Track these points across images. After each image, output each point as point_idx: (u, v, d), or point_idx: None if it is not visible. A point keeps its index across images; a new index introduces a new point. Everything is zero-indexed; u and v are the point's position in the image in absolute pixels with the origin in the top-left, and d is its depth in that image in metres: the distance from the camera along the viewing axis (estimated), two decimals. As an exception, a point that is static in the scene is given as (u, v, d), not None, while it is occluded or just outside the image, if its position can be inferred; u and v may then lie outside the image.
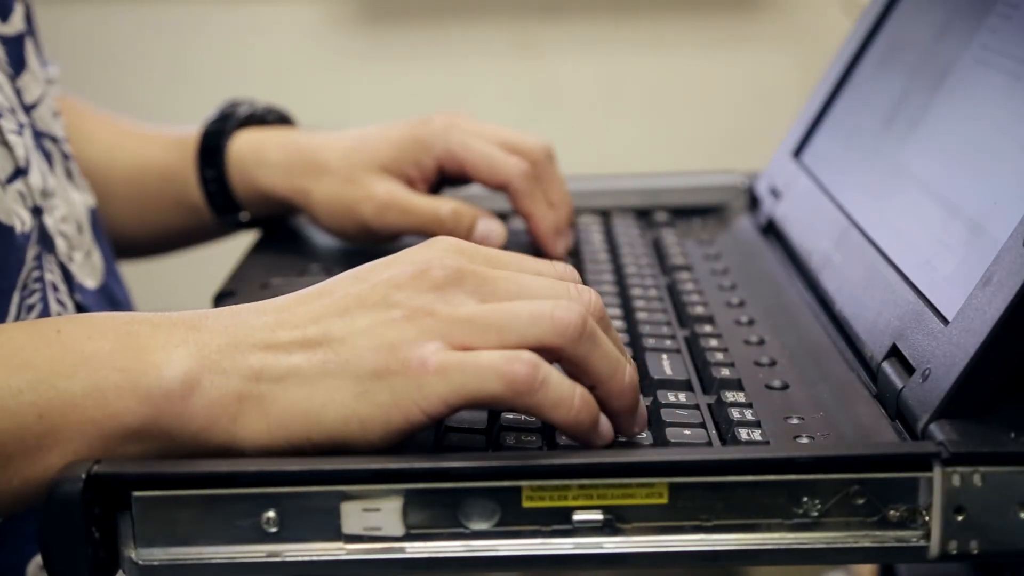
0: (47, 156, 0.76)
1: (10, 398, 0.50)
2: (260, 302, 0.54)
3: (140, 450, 0.51)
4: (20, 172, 0.71)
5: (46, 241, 0.73)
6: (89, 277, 0.78)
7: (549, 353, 0.51)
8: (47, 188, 0.74)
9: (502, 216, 0.85)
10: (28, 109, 0.76)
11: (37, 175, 0.73)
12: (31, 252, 0.71)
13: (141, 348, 0.51)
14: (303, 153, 0.85)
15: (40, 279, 0.71)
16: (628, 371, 0.53)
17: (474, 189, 0.85)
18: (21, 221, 0.70)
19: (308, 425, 0.50)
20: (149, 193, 0.91)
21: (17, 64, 0.76)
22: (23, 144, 0.72)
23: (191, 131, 0.90)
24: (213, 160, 0.87)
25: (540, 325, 0.50)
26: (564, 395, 0.50)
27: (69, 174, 0.80)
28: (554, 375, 0.50)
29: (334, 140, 0.85)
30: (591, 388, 0.52)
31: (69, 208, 0.76)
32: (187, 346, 0.51)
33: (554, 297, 0.52)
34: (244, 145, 0.87)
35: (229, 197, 0.88)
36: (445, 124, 0.82)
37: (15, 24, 0.77)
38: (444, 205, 0.81)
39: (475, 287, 0.52)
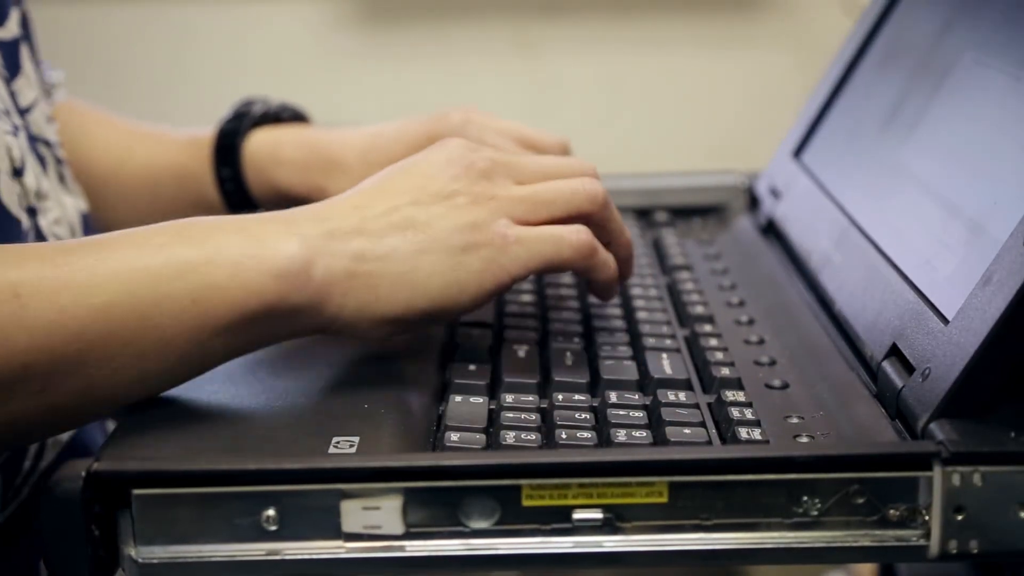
0: (41, 160, 0.76)
1: (168, 284, 0.56)
2: (329, 201, 0.62)
3: (273, 328, 0.58)
4: (16, 172, 0.71)
5: (41, 242, 0.73)
6: None
7: (582, 218, 0.63)
8: (41, 190, 0.74)
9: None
10: (23, 112, 0.76)
11: (32, 176, 0.73)
12: None
13: (258, 238, 0.58)
14: (319, 151, 0.85)
15: None
16: (628, 234, 0.67)
17: None
18: (19, 216, 0.70)
19: (414, 292, 0.59)
20: (163, 195, 0.91)
21: (12, 68, 0.76)
22: (18, 145, 0.72)
23: (205, 131, 0.89)
24: (229, 159, 0.87)
25: (579, 197, 0.63)
26: (607, 257, 0.64)
27: (62, 178, 0.80)
28: (599, 244, 0.63)
29: (350, 138, 0.85)
30: (606, 245, 0.65)
31: (62, 211, 0.76)
32: (293, 236, 0.58)
33: (568, 171, 0.65)
34: (260, 144, 0.87)
35: (246, 196, 0.88)
36: (461, 120, 0.82)
37: (10, 29, 0.77)
38: None
39: (509, 172, 0.63)
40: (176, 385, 0.58)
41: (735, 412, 0.57)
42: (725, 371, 0.62)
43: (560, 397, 0.60)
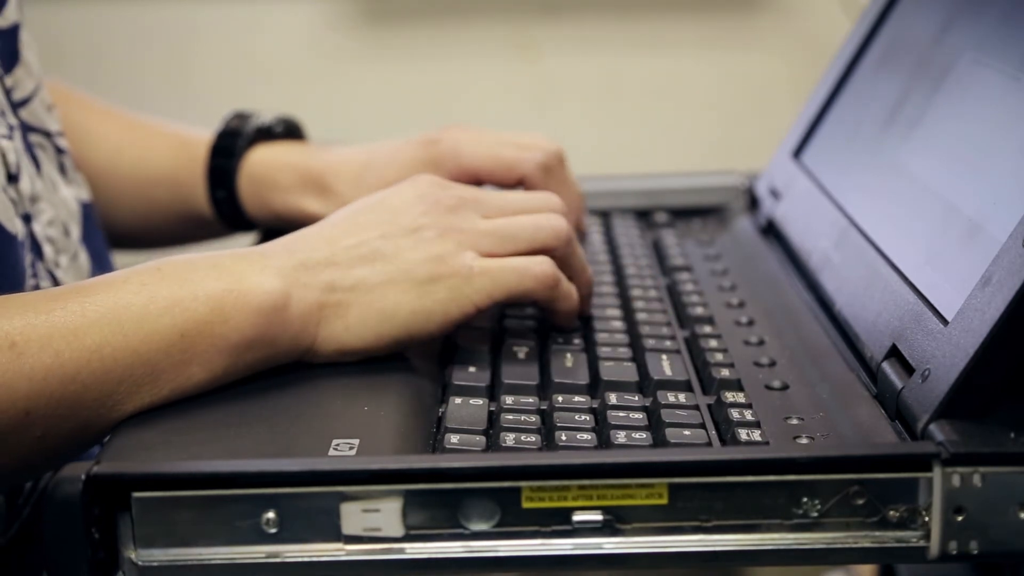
0: (34, 156, 0.75)
1: (155, 320, 0.58)
2: (300, 233, 0.64)
3: (253, 359, 0.60)
4: (12, 179, 0.70)
5: (36, 248, 0.72)
6: (75, 281, 0.77)
7: (546, 253, 0.64)
8: (35, 193, 0.73)
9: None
10: (19, 106, 0.75)
11: (27, 180, 0.72)
12: (27, 260, 0.70)
13: (235, 274, 0.60)
14: (313, 176, 0.84)
15: (36, 287, 0.71)
16: (590, 272, 0.69)
17: None
18: (15, 230, 0.69)
19: (382, 321, 0.61)
20: (156, 202, 0.90)
21: (10, 59, 0.75)
22: (14, 149, 0.71)
23: (197, 138, 0.88)
24: (224, 182, 0.87)
25: (543, 232, 0.65)
26: (569, 289, 0.66)
27: (62, 169, 0.79)
28: (562, 276, 0.65)
29: (342, 162, 0.84)
30: (569, 279, 0.66)
31: (55, 211, 0.75)
32: (269, 270, 0.60)
33: (534, 208, 0.66)
34: (256, 167, 0.86)
35: (241, 216, 0.88)
36: (453, 141, 0.81)
37: (9, 16, 0.76)
38: None
39: (476, 207, 0.65)
40: None
41: (735, 413, 0.57)
42: (725, 372, 0.62)
43: (560, 399, 0.60)
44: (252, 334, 0.59)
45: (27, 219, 0.72)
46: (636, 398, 0.60)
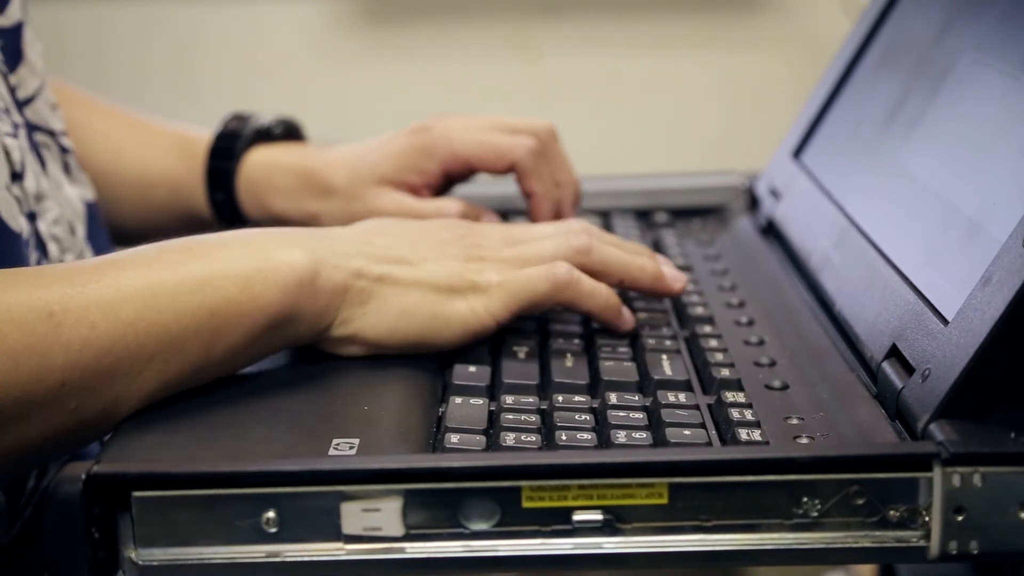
0: (39, 154, 0.75)
1: (188, 298, 0.58)
2: (327, 229, 0.65)
3: (273, 338, 0.60)
4: (16, 177, 0.70)
5: (41, 247, 0.72)
6: None
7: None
8: (40, 191, 0.73)
9: (503, 214, 0.86)
10: (23, 104, 0.75)
11: (31, 179, 0.72)
12: (33, 258, 0.70)
13: (264, 250, 0.60)
14: (310, 176, 0.84)
15: None
16: (637, 263, 0.69)
17: (480, 180, 0.85)
18: (20, 227, 0.69)
19: (401, 317, 0.63)
20: (156, 202, 0.90)
21: (14, 58, 0.75)
22: (18, 147, 0.71)
23: (198, 138, 0.88)
24: (223, 184, 0.87)
25: (562, 251, 0.66)
26: (594, 287, 0.66)
27: (67, 168, 0.79)
28: (584, 275, 0.65)
29: (338, 159, 0.84)
30: (619, 284, 0.68)
31: (60, 209, 0.75)
32: (299, 247, 0.61)
33: (558, 233, 0.67)
34: (254, 169, 0.86)
35: (240, 217, 0.88)
36: (444, 128, 0.81)
37: (12, 15, 0.75)
38: (451, 207, 0.80)
39: (499, 237, 0.67)
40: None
41: (735, 413, 0.57)
42: (725, 372, 0.62)
43: (560, 398, 0.60)
44: (278, 311, 0.60)
45: (32, 217, 0.72)
46: (636, 398, 0.60)
